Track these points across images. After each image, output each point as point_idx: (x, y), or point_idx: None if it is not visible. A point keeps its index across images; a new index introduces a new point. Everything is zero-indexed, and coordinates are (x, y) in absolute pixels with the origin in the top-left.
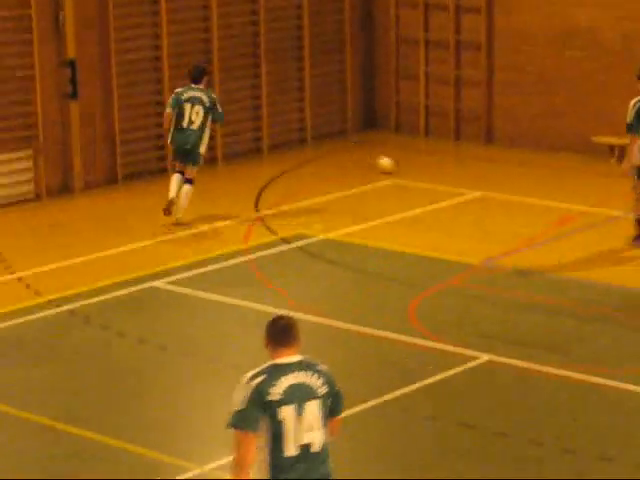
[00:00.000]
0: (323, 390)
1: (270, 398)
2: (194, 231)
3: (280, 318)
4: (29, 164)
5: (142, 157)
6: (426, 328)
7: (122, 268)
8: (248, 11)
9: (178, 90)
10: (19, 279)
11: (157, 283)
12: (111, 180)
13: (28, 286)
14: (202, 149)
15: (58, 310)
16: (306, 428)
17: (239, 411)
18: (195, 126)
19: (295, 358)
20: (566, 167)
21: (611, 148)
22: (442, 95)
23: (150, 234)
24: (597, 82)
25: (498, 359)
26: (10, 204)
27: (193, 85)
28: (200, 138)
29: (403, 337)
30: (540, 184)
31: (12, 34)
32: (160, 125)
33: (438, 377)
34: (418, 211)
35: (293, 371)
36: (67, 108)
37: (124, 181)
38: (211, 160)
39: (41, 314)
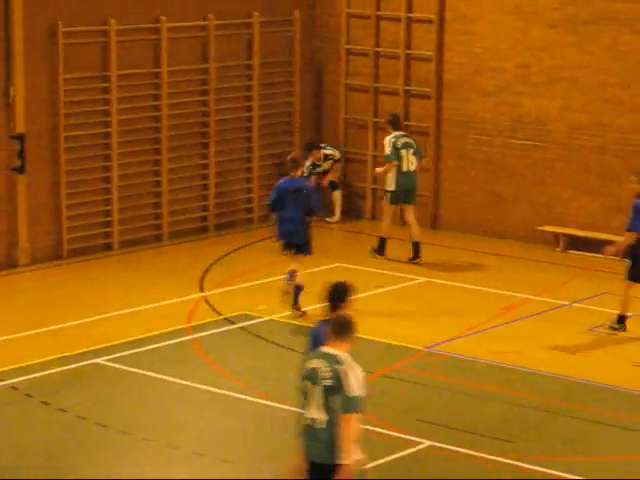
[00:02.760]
0: (323, 382)
1: (302, 373)
2: (138, 308)
3: (343, 316)
4: None
5: (88, 233)
6: (369, 412)
7: (65, 344)
8: (198, 91)
9: None
10: None
11: (100, 360)
12: (57, 256)
13: None
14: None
15: (0, 384)
16: (313, 405)
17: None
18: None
19: (334, 351)
20: (511, 255)
21: (556, 238)
22: None
23: (93, 310)
24: (544, 172)
25: (440, 445)
26: None
27: None
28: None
29: None
30: (485, 271)
31: None
32: (107, 201)
33: (380, 462)
34: (363, 295)
35: (320, 358)
36: (14, 182)
37: (69, 257)
38: (156, 238)
39: None
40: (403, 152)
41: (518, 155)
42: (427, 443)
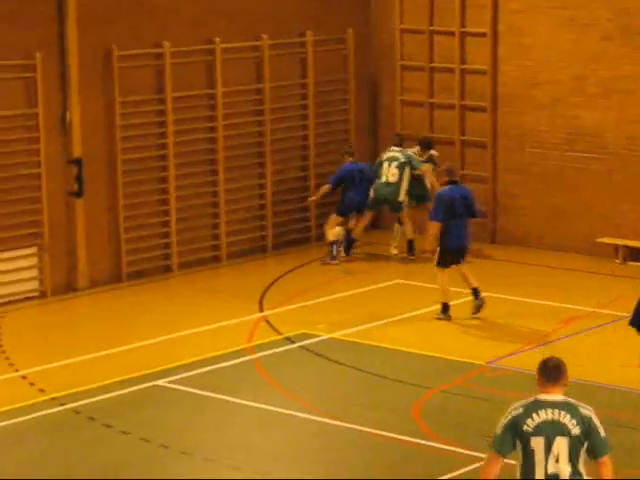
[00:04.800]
0: (576, 430)
1: (525, 428)
2: (198, 329)
3: (553, 358)
4: (34, 261)
5: (146, 255)
6: (430, 429)
7: (127, 366)
8: (253, 111)
9: None
10: (23, 377)
11: (161, 382)
12: (115, 278)
13: (32, 384)
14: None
15: (62, 408)
16: (553, 459)
17: (496, 435)
18: None
19: (558, 397)
20: (571, 268)
21: (616, 250)
22: None
23: (153, 332)
24: (601, 184)
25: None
26: (15, 301)
27: None
28: None
29: (407, 437)
30: (545, 284)
31: (20, 132)
32: (165, 223)
33: (443, 478)
34: (423, 311)
35: (551, 408)
36: (72, 206)
37: (128, 279)
38: (215, 258)
39: (45, 412)
40: (385, 164)
41: (575, 168)
42: None
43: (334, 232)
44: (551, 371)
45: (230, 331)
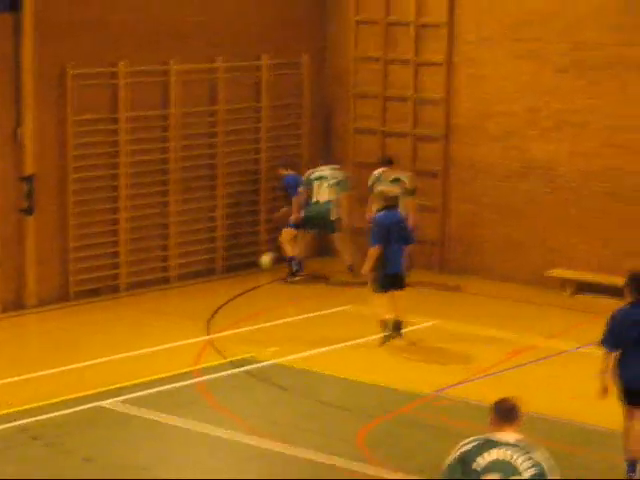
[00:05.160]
0: (526, 474)
1: (474, 467)
2: (144, 351)
3: (509, 399)
4: None
5: (96, 275)
6: (375, 457)
7: (72, 386)
8: (207, 133)
9: None
10: None
11: (106, 402)
12: (64, 297)
13: None
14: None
15: (7, 426)
16: None
17: (444, 469)
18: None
19: (512, 437)
20: (520, 299)
21: (563, 283)
22: None
23: (100, 352)
24: (553, 216)
25: None
26: None
27: None
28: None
29: (353, 463)
30: (493, 315)
31: None
32: (114, 243)
33: None
34: (370, 338)
35: (504, 448)
36: (23, 223)
37: (77, 298)
38: (164, 280)
39: None
40: (315, 183)
41: (527, 199)
42: None
43: (290, 249)
44: (508, 411)
45: (177, 353)
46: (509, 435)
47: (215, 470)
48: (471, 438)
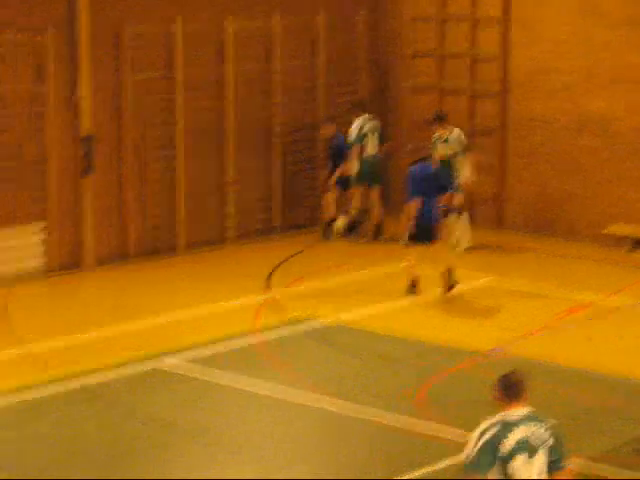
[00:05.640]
0: (550, 442)
1: (502, 451)
2: (204, 310)
3: (512, 373)
4: (41, 238)
5: (155, 234)
6: (435, 413)
7: (131, 346)
8: (264, 91)
9: None
10: (29, 354)
11: (166, 362)
12: (123, 255)
13: (38, 361)
14: None
15: (67, 387)
16: (536, 475)
17: (471, 458)
18: None
19: (524, 411)
20: (579, 255)
21: (623, 238)
22: None
23: (159, 312)
24: (611, 171)
25: None
26: (22, 278)
27: None
28: None
29: (412, 421)
30: (552, 272)
31: (27, 106)
32: (172, 202)
33: (447, 463)
34: (428, 296)
35: (523, 424)
36: (80, 183)
37: (135, 257)
38: (221, 240)
39: (49, 390)
40: (369, 135)
41: (585, 154)
42: None
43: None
44: (516, 386)
45: (237, 312)
46: (522, 410)
47: (272, 430)
48: (487, 424)
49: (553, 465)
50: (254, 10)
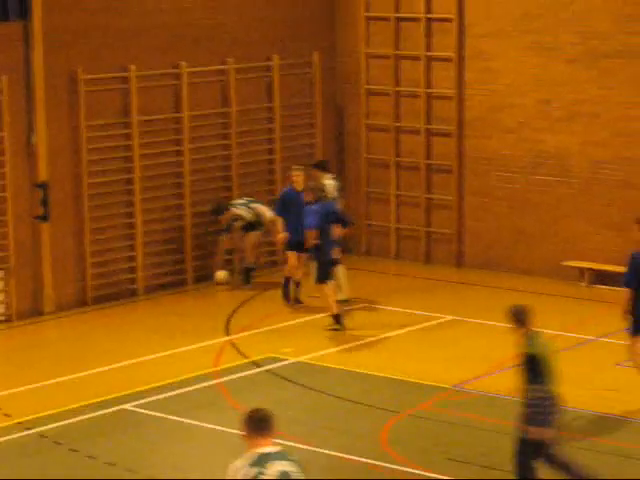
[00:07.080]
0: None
1: None
2: (166, 353)
3: (258, 410)
4: (0, 286)
5: (113, 279)
6: (397, 453)
7: (93, 391)
8: (219, 135)
9: None
10: None
11: (128, 406)
12: (81, 302)
13: None
14: None
15: (28, 433)
16: None
17: None
18: None
19: (275, 448)
20: (536, 291)
21: (581, 273)
22: (412, 218)
23: (120, 357)
24: (567, 206)
25: None
26: None
27: None
28: None
29: (375, 462)
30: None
31: None
32: (131, 247)
33: None
34: (389, 334)
35: (278, 460)
36: (38, 230)
37: (94, 303)
38: (181, 283)
39: (10, 437)
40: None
41: (541, 191)
42: None
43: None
44: (266, 422)
45: (197, 355)
46: (272, 447)
47: None
48: (240, 461)
49: None
50: (208, 55)
